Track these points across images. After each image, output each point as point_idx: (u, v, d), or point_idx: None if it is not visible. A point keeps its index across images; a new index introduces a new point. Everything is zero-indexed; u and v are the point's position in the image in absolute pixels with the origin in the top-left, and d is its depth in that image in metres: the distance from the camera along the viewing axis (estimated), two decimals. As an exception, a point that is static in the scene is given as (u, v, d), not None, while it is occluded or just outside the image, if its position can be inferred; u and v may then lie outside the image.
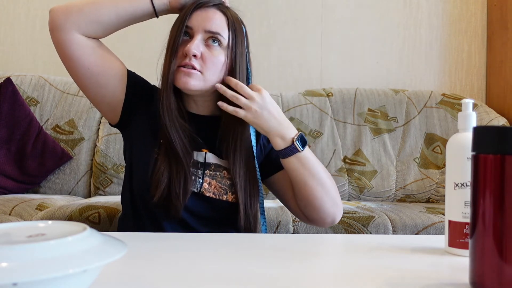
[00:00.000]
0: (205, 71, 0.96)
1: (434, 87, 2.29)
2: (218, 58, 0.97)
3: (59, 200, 1.63)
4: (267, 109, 0.96)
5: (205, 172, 0.99)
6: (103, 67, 0.99)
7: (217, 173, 0.99)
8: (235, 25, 1.00)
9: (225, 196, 0.99)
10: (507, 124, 2.04)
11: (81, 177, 1.87)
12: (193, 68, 0.95)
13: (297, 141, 0.95)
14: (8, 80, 1.92)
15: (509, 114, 2.11)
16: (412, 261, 0.66)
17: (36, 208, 1.49)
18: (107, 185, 1.84)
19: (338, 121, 1.99)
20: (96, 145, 1.90)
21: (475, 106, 2.06)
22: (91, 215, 1.29)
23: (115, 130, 1.85)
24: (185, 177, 0.95)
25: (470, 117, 0.72)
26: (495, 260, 0.49)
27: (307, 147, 0.98)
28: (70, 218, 1.29)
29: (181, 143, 0.97)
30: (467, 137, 0.70)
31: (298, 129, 1.01)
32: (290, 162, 0.96)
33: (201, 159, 1.00)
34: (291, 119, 1.96)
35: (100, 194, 1.85)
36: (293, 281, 0.56)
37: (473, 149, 0.53)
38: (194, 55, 0.95)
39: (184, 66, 0.95)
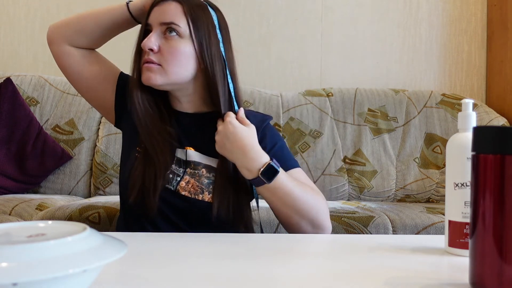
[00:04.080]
0: (164, 63, 0.95)
1: (434, 87, 2.29)
2: (177, 49, 0.95)
3: (59, 200, 1.63)
4: (229, 140, 0.91)
5: (186, 170, 0.98)
6: (91, 72, 1.05)
7: (196, 171, 0.98)
8: (194, 10, 0.96)
9: (200, 195, 0.96)
10: (507, 124, 2.04)
11: (81, 177, 1.87)
12: (151, 61, 0.95)
13: (262, 175, 0.90)
14: (8, 80, 1.92)
15: (509, 114, 2.11)
16: (412, 261, 0.66)
17: (36, 208, 1.49)
18: (107, 185, 1.84)
19: (338, 121, 1.99)
20: (96, 145, 1.90)
21: (475, 106, 2.06)
22: (91, 215, 1.29)
23: (115, 130, 1.85)
24: (156, 174, 0.95)
25: (470, 117, 0.72)
26: (495, 260, 0.49)
27: (280, 175, 0.91)
28: (70, 218, 1.29)
29: (154, 142, 0.97)
30: (467, 137, 0.70)
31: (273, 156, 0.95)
32: (260, 191, 0.94)
33: (183, 157, 0.99)
34: (291, 119, 1.96)
35: (100, 194, 1.85)
36: (293, 281, 0.56)
37: (473, 149, 0.53)
38: (151, 50, 0.95)
39: (146, 63, 0.96)
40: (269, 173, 0.90)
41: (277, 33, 2.27)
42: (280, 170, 0.92)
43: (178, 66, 0.95)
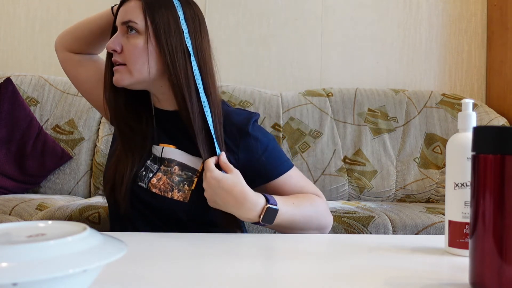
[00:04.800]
0: (127, 61, 0.95)
1: (434, 87, 2.29)
2: (137, 46, 0.94)
3: (59, 200, 1.63)
4: (218, 195, 0.88)
5: (160, 167, 0.97)
6: (87, 76, 1.12)
7: (169, 168, 0.97)
8: (152, 5, 0.95)
9: (170, 193, 0.95)
10: (507, 124, 2.04)
11: (81, 177, 1.87)
12: (117, 63, 0.96)
13: (263, 221, 0.88)
14: (8, 80, 1.92)
15: (509, 114, 2.11)
16: (412, 261, 0.66)
17: (36, 208, 1.49)
18: (107, 185, 1.84)
19: (338, 121, 1.99)
20: (96, 145, 1.90)
21: (475, 106, 2.06)
22: (91, 215, 1.29)
23: (115, 130, 1.86)
24: (123, 172, 0.96)
25: (470, 117, 0.72)
26: (495, 260, 0.49)
27: (280, 210, 0.89)
28: (70, 218, 1.29)
29: (125, 140, 0.99)
30: (467, 137, 0.70)
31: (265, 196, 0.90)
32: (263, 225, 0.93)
33: (158, 154, 0.99)
34: (291, 119, 1.96)
35: (100, 194, 1.85)
36: (292, 281, 0.56)
37: (473, 149, 0.53)
38: (115, 50, 0.95)
39: (115, 65, 0.97)
40: (270, 215, 0.88)
41: (277, 33, 2.27)
42: (278, 205, 0.89)
43: (140, 64, 0.94)
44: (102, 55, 1.16)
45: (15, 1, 2.23)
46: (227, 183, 0.86)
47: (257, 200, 0.87)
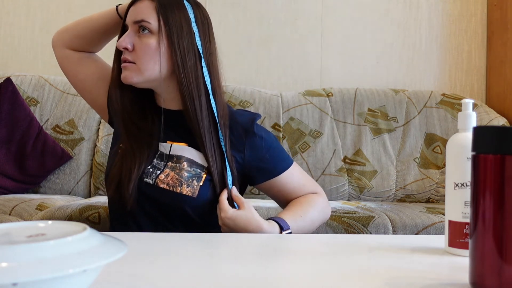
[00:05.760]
0: (138, 60, 0.96)
1: (434, 87, 2.29)
2: (149, 45, 0.95)
3: (59, 200, 1.63)
4: (234, 232, 0.93)
5: (167, 164, 0.98)
6: (86, 74, 1.11)
7: (178, 165, 0.97)
8: (166, 6, 0.96)
9: (179, 188, 0.96)
10: (507, 124, 2.04)
11: (81, 177, 1.87)
12: (127, 61, 0.96)
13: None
14: (8, 80, 1.92)
15: (509, 114, 2.11)
16: (412, 261, 0.66)
17: (36, 208, 1.49)
18: (107, 185, 1.84)
19: (338, 121, 1.99)
20: (96, 145, 1.90)
21: (475, 106, 2.06)
22: (91, 215, 1.29)
23: (115, 130, 1.86)
24: (131, 168, 0.96)
25: (470, 117, 0.72)
26: (495, 260, 0.49)
27: (292, 229, 0.96)
28: (70, 218, 1.29)
29: (131, 137, 0.99)
30: (467, 137, 0.70)
31: (278, 223, 0.96)
32: None
33: (166, 151, 0.99)
34: (291, 119, 1.96)
35: (100, 194, 1.85)
36: (292, 281, 0.56)
37: (473, 149, 0.53)
38: (126, 49, 0.96)
39: (123, 62, 0.98)
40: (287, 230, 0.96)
41: (277, 33, 2.27)
42: (290, 225, 0.95)
43: (152, 63, 0.96)
44: (100, 54, 1.16)
45: (15, 1, 2.23)
46: (242, 221, 0.91)
47: (272, 231, 0.93)
